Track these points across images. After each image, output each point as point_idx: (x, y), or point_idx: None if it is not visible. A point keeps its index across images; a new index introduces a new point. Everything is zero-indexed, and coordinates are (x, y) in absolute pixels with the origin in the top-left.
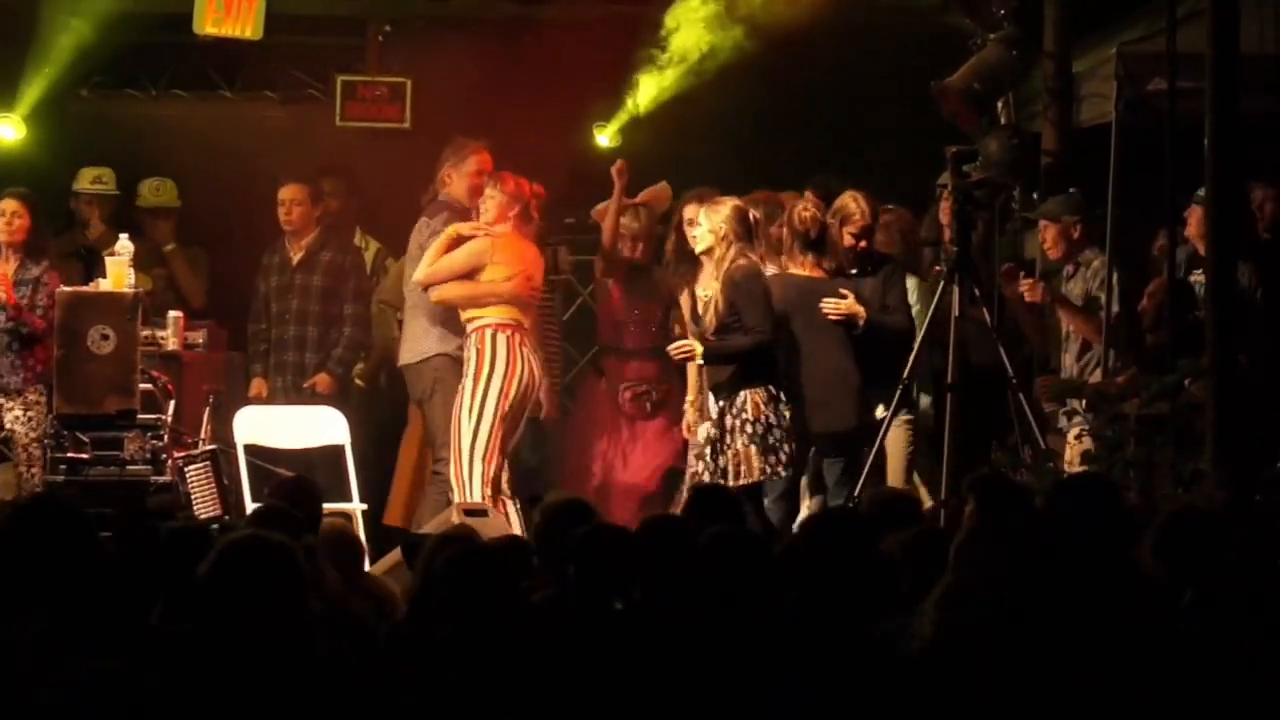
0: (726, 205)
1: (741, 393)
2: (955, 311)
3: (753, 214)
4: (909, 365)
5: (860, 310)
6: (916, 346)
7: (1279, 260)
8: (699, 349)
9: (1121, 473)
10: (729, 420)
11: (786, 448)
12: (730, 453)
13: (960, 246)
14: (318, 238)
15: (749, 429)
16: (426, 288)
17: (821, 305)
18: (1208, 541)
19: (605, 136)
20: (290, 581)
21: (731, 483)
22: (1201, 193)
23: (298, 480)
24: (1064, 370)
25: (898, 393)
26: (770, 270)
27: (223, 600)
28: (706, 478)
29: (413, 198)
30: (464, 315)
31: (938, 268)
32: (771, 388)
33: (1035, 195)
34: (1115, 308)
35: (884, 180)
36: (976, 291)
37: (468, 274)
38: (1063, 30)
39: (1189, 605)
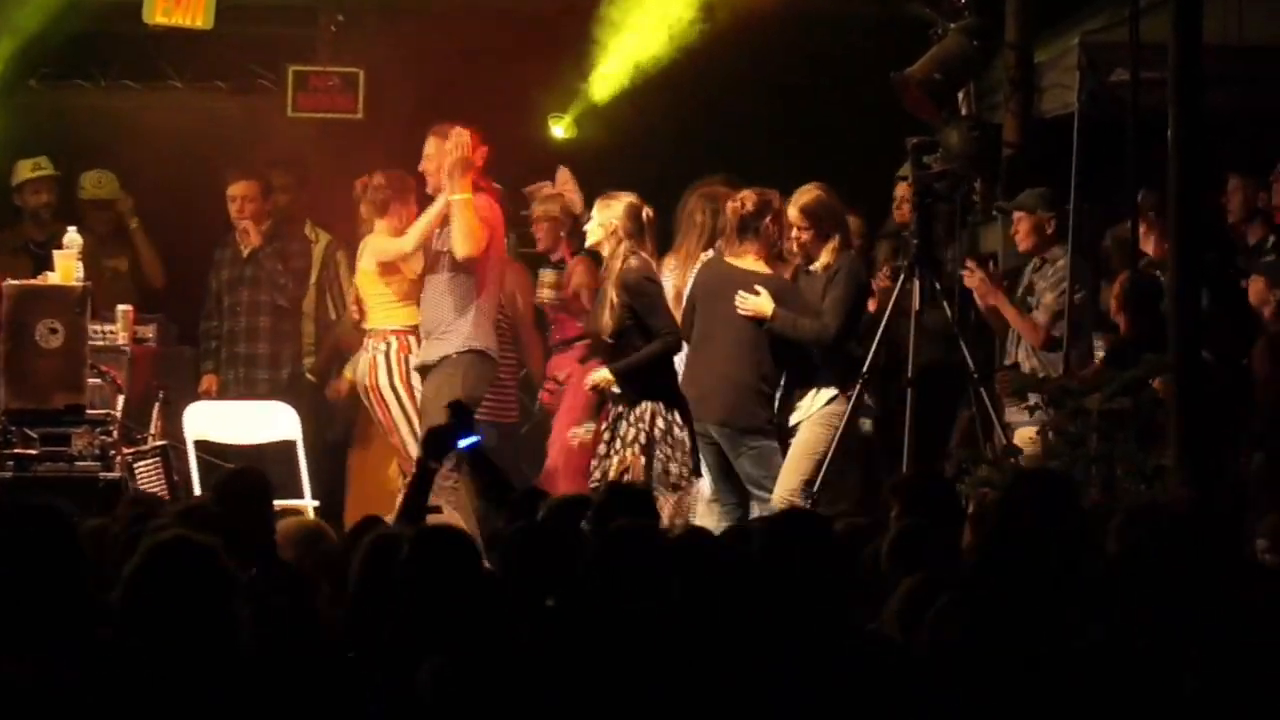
0: (621, 201)
1: (643, 403)
2: (915, 306)
3: (646, 212)
4: (866, 362)
5: (766, 310)
6: (875, 344)
7: (1247, 252)
8: (608, 376)
9: (1083, 469)
10: (624, 427)
11: (675, 464)
12: (617, 459)
13: (921, 240)
14: (268, 230)
15: (642, 439)
16: None
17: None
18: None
19: (561, 128)
20: (214, 584)
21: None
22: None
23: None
24: (1013, 363)
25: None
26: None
27: (146, 603)
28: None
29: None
30: None
31: (896, 264)
32: (671, 398)
33: (997, 188)
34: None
35: (842, 172)
36: (937, 285)
37: None
38: (1024, 20)
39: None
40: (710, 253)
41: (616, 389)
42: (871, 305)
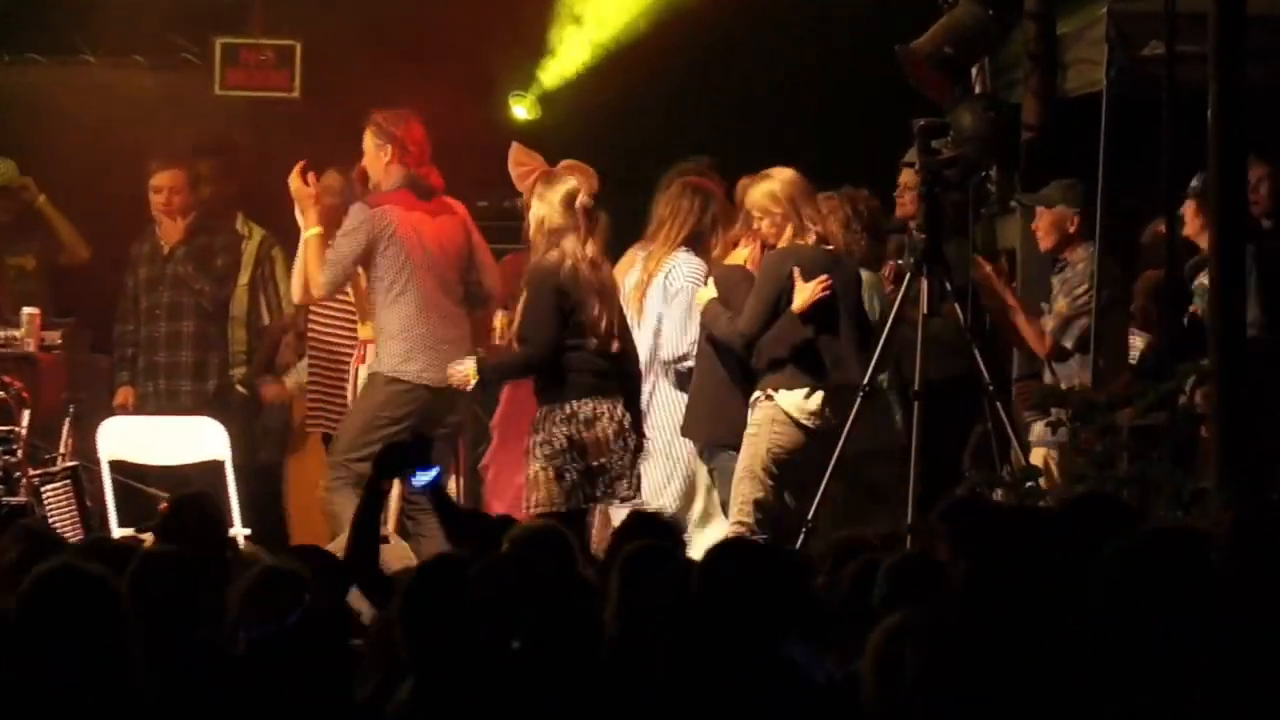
0: (556, 191)
1: (545, 407)
2: (924, 309)
3: (580, 200)
4: (869, 370)
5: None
6: (879, 349)
7: (1277, 246)
8: (472, 370)
9: (1114, 492)
10: (531, 440)
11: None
12: (528, 476)
13: (929, 234)
14: (191, 223)
15: (545, 450)
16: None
17: None
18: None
19: (523, 108)
20: (106, 619)
21: (529, 510)
22: (1196, 183)
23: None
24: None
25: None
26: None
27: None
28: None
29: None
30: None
31: (898, 261)
32: (571, 404)
33: (1015, 176)
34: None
35: (840, 158)
36: (948, 286)
37: None
38: None
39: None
40: (682, 250)
41: (471, 385)
42: (805, 297)
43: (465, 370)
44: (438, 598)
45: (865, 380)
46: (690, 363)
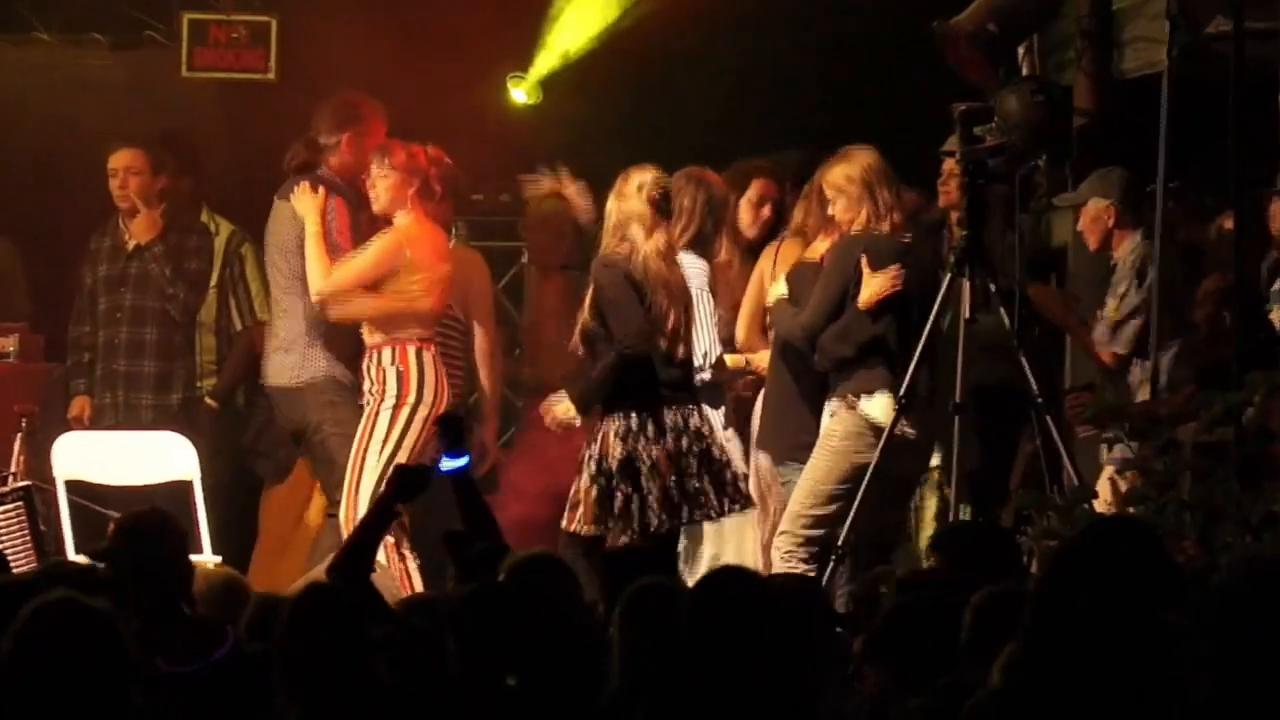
0: (634, 177)
1: (604, 421)
2: (965, 314)
3: (645, 191)
4: (906, 380)
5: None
6: (916, 357)
7: None
8: (568, 408)
9: (1175, 516)
10: (584, 451)
11: (631, 497)
12: (573, 489)
13: (971, 231)
14: (159, 219)
15: (591, 467)
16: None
17: None
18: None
19: (523, 91)
20: (111, 660)
21: (565, 526)
22: None
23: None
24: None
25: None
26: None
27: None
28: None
29: (278, 168)
30: (368, 326)
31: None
32: (632, 416)
33: (1067, 165)
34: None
35: (875, 146)
36: (993, 287)
37: (376, 283)
38: None
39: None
40: (688, 254)
41: (579, 422)
42: (873, 291)
43: (563, 410)
44: (313, 628)
45: (902, 393)
46: (706, 375)
